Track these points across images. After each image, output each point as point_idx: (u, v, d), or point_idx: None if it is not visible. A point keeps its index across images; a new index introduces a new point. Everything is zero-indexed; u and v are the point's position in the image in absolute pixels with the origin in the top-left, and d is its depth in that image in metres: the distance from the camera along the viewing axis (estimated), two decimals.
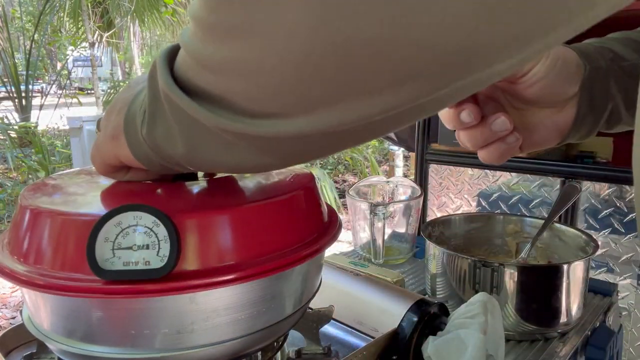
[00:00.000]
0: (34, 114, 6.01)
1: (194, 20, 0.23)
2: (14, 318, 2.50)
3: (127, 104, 0.34)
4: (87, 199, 0.38)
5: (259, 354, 0.43)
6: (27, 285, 0.33)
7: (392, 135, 1.79)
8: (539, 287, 0.61)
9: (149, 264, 0.30)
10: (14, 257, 0.35)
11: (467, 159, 1.38)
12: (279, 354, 0.45)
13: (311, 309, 0.50)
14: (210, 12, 0.22)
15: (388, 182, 0.97)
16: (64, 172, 0.46)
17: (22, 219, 0.35)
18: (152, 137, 0.31)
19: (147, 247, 0.31)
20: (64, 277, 0.32)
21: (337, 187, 4.19)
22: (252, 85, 0.23)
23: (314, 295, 0.43)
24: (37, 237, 0.34)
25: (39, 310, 0.36)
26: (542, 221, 0.73)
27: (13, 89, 6.05)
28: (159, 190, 0.39)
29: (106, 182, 0.41)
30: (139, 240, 0.31)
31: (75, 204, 0.37)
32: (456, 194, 1.45)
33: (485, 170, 1.37)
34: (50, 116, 5.94)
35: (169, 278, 0.31)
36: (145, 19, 6.99)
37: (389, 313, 0.53)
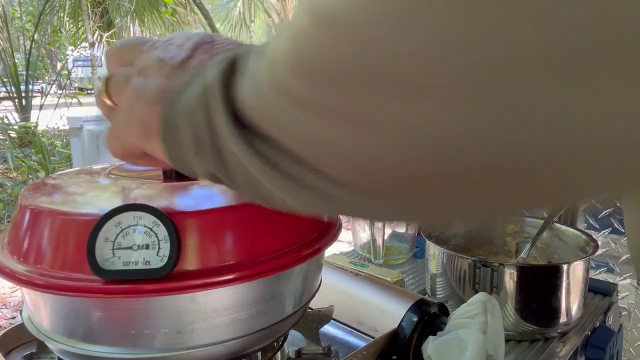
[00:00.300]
0: (34, 114, 6.01)
1: (277, 89, 0.20)
2: (14, 318, 2.49)
3: (165, 95, 0.27)
4: (87, 198, 0.38)
5: (259, 354, 0.43)
6: (27, 285, 0.33)
7: None
8: (539, 287, 0.61)
9: (149, 264, 0.30)
10: (14, 257, 0.35)
11: None
12: (279, 354, 0.45)
13: (311, 309, 0.50)
14: (301, 85, 0.19)
15: None
16: (64, 172, 0.46)
17: (22, 219, 0.35)
18: (205, 166, 0.26)
19: (147, 247, 0.31)
20: (64, 277, 0.32)
21: None
22: (335, 161, 0.20)
23: (314, 295, 0.43)
24: (37, 236, 0.34)
25: (39, 310, 0.36)
26: (542, 221, 0.73)
27: (13, 89, 6.04)
28: (159, 190, 0.39)
29: (106, 182, 0.41)
30: (139, 240, 0.31)
31: (75, 203, 0.37)
32: None
33: None
34: (50, 116, 5.92)
35: (169, 278, 0.31)
36: (145, 19, 6.98)
37: (389, 313, 0.53)
